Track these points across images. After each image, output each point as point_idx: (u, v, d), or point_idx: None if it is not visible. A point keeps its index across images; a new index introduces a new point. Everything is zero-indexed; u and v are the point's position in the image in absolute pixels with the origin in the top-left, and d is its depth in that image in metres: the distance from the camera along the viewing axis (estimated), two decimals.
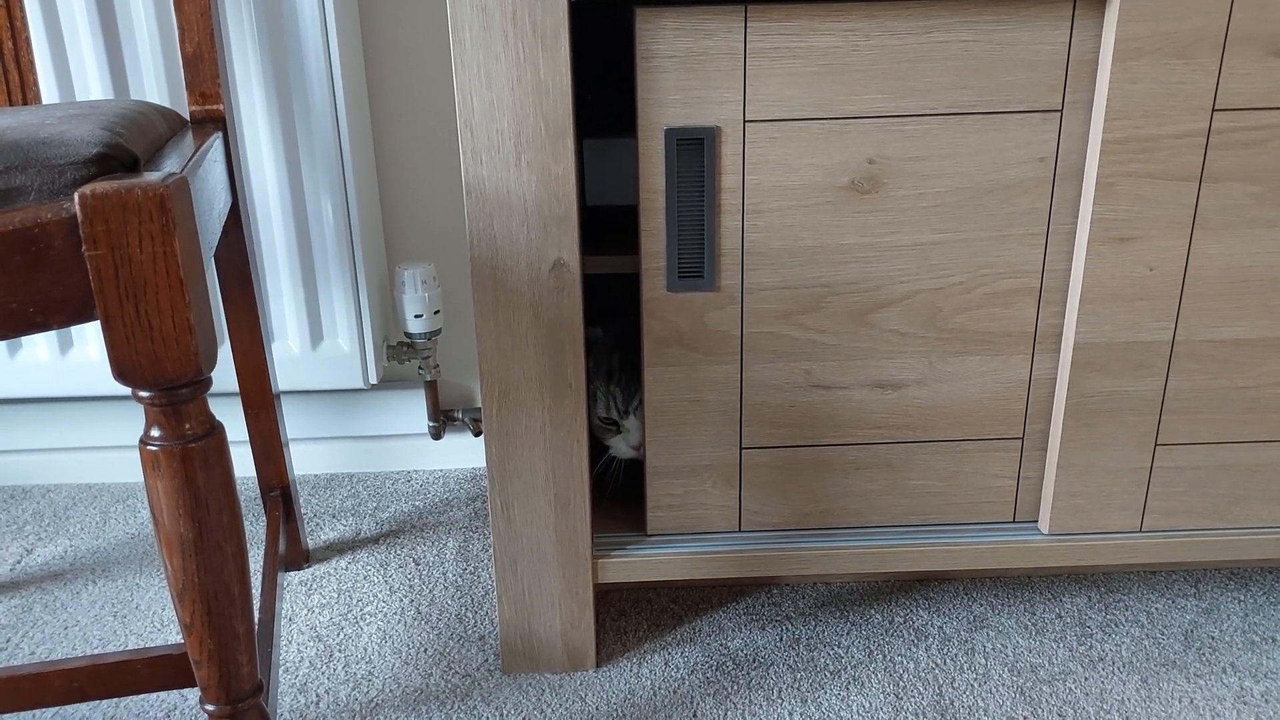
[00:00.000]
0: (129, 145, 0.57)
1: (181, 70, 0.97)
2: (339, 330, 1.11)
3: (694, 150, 0.78)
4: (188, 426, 0.55)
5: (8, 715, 0.86)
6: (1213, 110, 0.76)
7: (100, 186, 0.51)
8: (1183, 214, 0.79)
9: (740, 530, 0.90)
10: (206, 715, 0.61)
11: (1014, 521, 0.91)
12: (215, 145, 0.82)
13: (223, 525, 0.57)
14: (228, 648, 0.59)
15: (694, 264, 0.81)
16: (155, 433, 0.55)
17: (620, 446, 0.93)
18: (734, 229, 0.80)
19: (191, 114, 0.88)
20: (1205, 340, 0.83)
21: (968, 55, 0.76)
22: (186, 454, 0.55)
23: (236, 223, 0.90)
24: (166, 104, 1.03)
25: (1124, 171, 0.78)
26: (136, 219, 0.51)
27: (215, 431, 0.56)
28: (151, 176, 0.52)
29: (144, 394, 0.54)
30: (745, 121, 0.78)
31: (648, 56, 0.75)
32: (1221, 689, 0.87)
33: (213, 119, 0.88)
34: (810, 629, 0.96)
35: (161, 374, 0.53)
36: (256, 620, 0.85)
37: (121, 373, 0.53)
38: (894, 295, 0.82)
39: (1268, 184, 0.78)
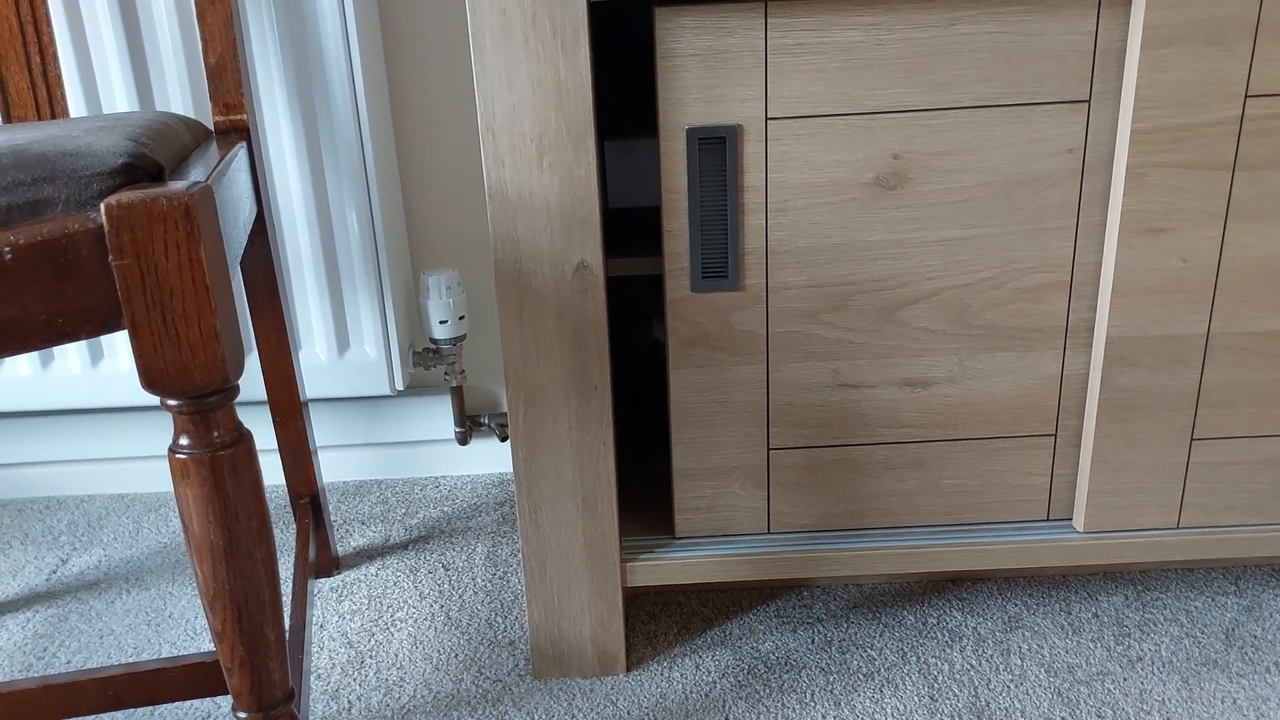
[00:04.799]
0: (154, 155, 0.57)
1: (205, 81, 0.98)
2: (365, 337, 1.12)
3: (716, 149, 0.77)
4: (216, 434, 0.55)
5: None
6: (1245, 97, 0.75)
7: (126, 196, 0.51)
8: (1216, 204, 0.78)
9: (769, 532, 0.89)
10: None
11: (1048, 520, 0.89)
12: (239, 155, 0.82)
13: (252, 532, 0.57)
14: (259, 654, 0.59)
15: (718, 264, 0.81)
16: (184, 441, 0.55)
17: None
18: (758, 228, 0.80)
19: (216, 124, 0.89)
20: (1241, 332, 0.81)
21: (993, 47, 0.75)
22: (215, 461, 0.55)
23: (262, 231, 0.91)
24: (191, 115, 1.04)
25: (1155, 162, 0.76)
26: (162, 227, 0.51)
27: (244, 439, 0.57)
28: (176, 185, 0.53)
29: (172, 402, 0.54)
30: (768, 119, 0.77)
31: (668, 55, 0.75)
32: (1265, 689, 0.85)
33: (237, 129, 0.89)
34: (842, 631, 0.95)
35: (189, 382, 0.53)
36: (287, 627, 0.85)
37: (150, 381, 0.53)
38: (922, 292, 0.81)
39: None
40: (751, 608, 0.99)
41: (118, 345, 1.13)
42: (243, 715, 0.60)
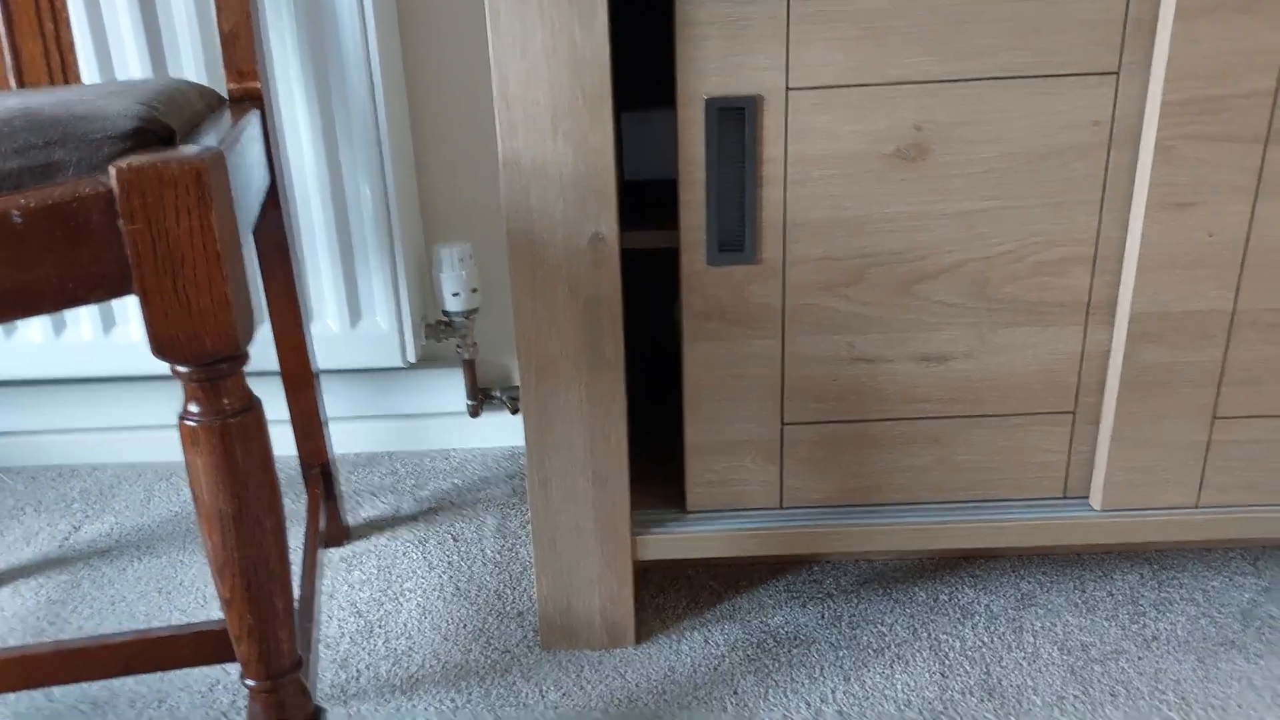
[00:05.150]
0: (166, 119, 0.56)
1: (219, 49, 0.97)
2: (377, 309, 1.11)
3: (735, 120, 0.76)
4: (226, 402, 0.55)
5: (56, 688, 0.87)
6: None
7: (137, 160, 0.50)
8: (1246, 178, 0.76)
9: (782, 507, 0.89)
10: (248, 690, 0.61)
11: (1064, 497, 0.88)
12: (253, 123, 0.81)
13: (262, 500, 0.57)
14: (267, 623, 0.59)
15: (734, 237, 0.79)
16: (194, 408, 0.55)
17: None
18: (776, 200, 0.78)
19: (229, 92, 0.88)
20: (1268, 309, 0.80)
21: (1019, 16, 0.73)
22: (225, 429, 0.55)
23: (275, 202, 0.90)
24: (205, 83, 1.03)
25: (1184, 134, 0.75)
26: (173, 192, 0.51)
27: (253, 407, 0.56)
28: (188, 150, 0.52)
29: (182, 369, 0.54)
30: (788, 89, 0.76)
31: (687, 23, 0.74)
32: None
33: (250, 97, 0.88)
34: (853, 607, 0.94)
35: (199, 348, 0.53)
36: (297, 596, 0.85)
37: (159, 348, 0.53)
38: (941, 265, 0.80)
39: None
40: (761, 582, 0.98)
41: (129, 313, 1.13)
42: (251, 683, 0.60)
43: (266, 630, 0.59)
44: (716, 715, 0.82)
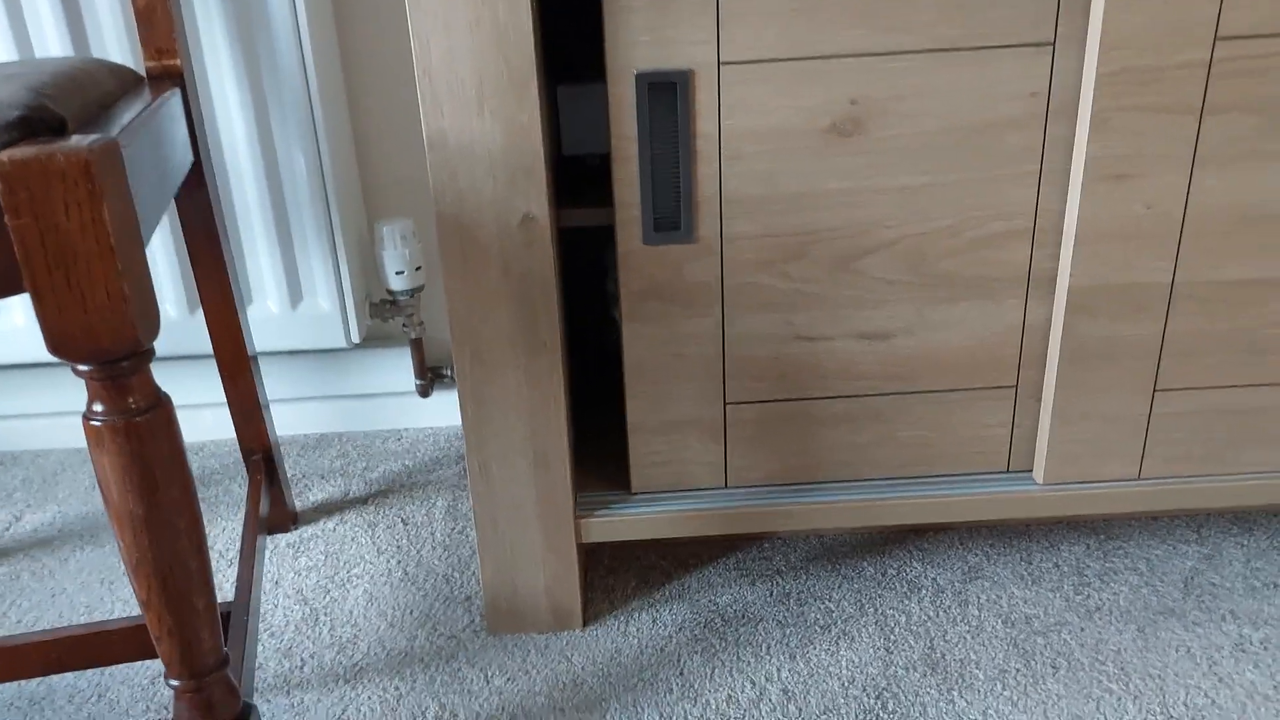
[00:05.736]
0: (55, 107, 0.54)
1: None
2: (318, 289, 1.09)
3: (667, 95, 0.74)
4: (131, 400, 0.53)
5: None
6: (1214, 39, 0.72)
7: (19, 153, 0.48)
8: (1182, 149, 0.75)
9: (727, 486, 0.88)
10: (172, 690, 0.60)
11: (1008, 471, 0.88)
12: (170, 102, 0.79)
13: (173, 500, 0.55)
14: (187, 623, 0.57)
15: (670, 214, 0.78)
16: (98, 407, 0.53)
17: None
18: (711, 177, 0.77)
19: (148, 70, 0.85)
20: (1206, 281, 0.80)
21: None
22: (131, 428, 0.53)
23: (200, 182, 0.88)
24: (130, 61, 0.99)
25: (1120, 105, 0.74)
26: (61, 185, 0.49)
27: (161, 404, 0.54)
28: (77, 140, 0.50)
29: (82, 367, 0.52)
30: (720, 63, 0.74)
31: None
32: (1220, 637, 0.85)
33: (170, 75, 0.85)
34: (801, 583, 0.94)
35: (97, 346, 0.51)
36: (235, 587, 0.84)
37: (55, 346, 0.51)
38: (879, 241, 0.79)
39: (1271, 115, 0.74)
40: (711, 560, 0.98)
41: None
42: (174, 683, 0.59)
43: (186, 630, 0.58)
44: (662, 696, 0.82)
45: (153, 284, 0.54)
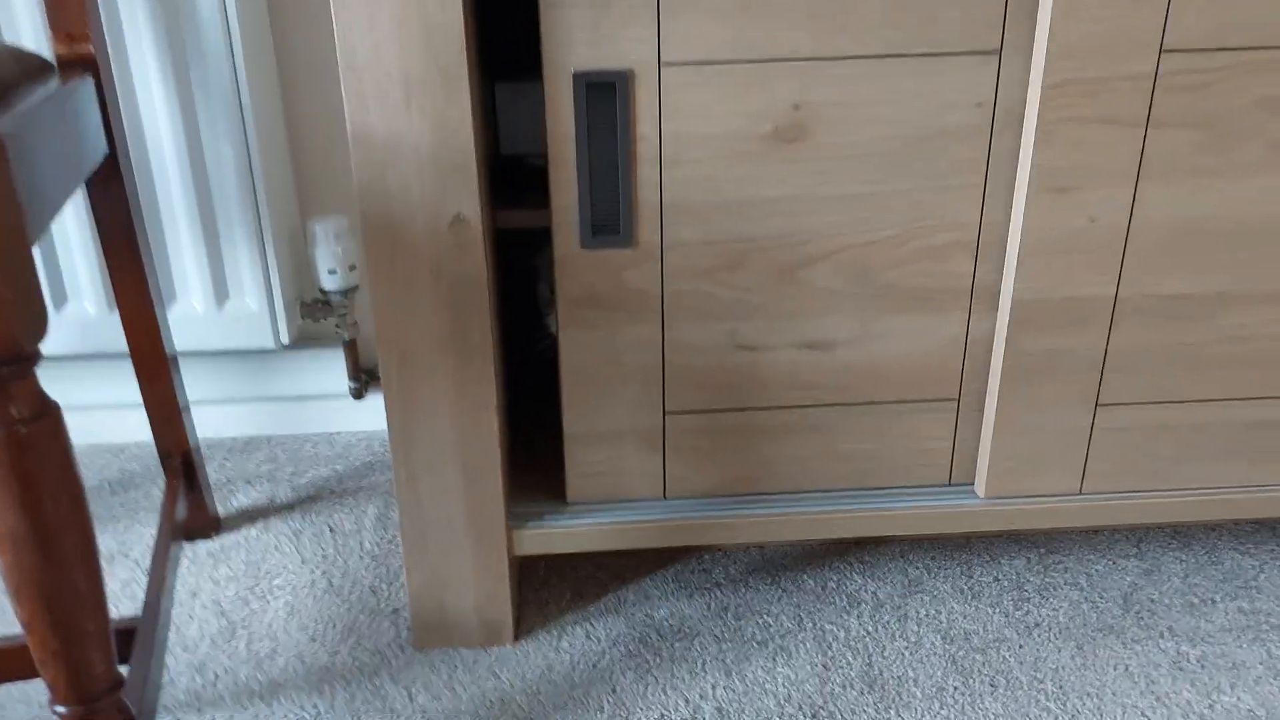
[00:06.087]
0: None
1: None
2: (245, 288, 1.05)
3: (605, 95, 0.72)
4: (14, 410, 0.49)
5: None
6: (1160, 51, 0.71)
7: None
8: (1127, 162, 0.74)
9: (665, 498, 0.86)
10: (57, 717, 0.56)
11: (949, 484, 0.87)
12: (81, 90, 0.74)
13: (61, 516, 0.51)
14: (75, 646, 0.54)
15: (609, 219, 0.75)
16: None
17: None
18: (651, 181, 0.74)
19: (58, 57, 0.80)
20: (1149, 295, 0.79)
21: None
22: (13, 439, 0.49)
23: (116, 173, 0.83)
24: (44, 47, 0.94)
25: (1065, 117, 0.73)
26: None
27: (48, 413, 0.51)
28: None
29: None
30: (661, 64, 0.71)
31: None
32: (1158, 654, 0.84)
33: (83, 61, 0.80)
34: (740, 596, 0.92)
35: None
36: (144, 599, 0.79)
37: None
38: (823, 250, 0.77)
39: (1213, 130, 0.74)
40: (649, 572, 0.96)
41: None
42: (60, 709, 0.55)
43: (75, 653, 0.54)
44: (593, 716, 0.79)
45: (39, 283, 0.50)
